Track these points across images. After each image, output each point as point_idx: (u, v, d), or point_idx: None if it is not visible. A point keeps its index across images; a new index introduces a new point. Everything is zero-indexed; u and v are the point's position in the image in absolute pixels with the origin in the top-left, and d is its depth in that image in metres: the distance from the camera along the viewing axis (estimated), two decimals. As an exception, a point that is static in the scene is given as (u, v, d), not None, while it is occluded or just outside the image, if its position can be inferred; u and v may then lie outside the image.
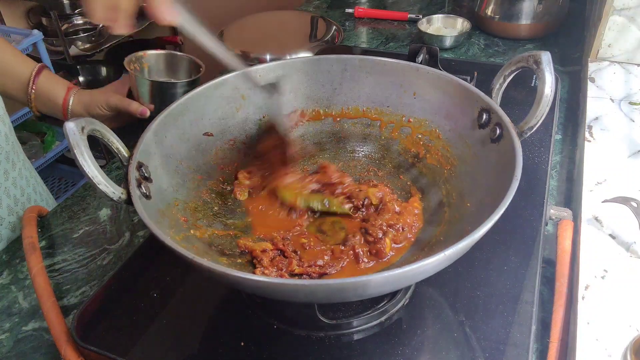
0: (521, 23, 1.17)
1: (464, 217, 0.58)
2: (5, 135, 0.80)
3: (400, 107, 0.72)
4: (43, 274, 0.63)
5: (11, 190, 0.82)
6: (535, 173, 0.75)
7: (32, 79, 0.82)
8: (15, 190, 0.83)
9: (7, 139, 0.81)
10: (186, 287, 0.62)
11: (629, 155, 0.78)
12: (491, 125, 0.60)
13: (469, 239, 0.44)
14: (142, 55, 0.89)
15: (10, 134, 0.83)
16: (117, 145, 0.55)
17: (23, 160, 0.87)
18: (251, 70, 0.69)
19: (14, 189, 0.83)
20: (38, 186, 0.91)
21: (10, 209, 0.82)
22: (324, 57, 0.73)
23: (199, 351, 0.56)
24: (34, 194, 0.88)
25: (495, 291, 0.59)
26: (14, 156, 0.83)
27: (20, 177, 0.84)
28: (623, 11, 0.95)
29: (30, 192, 0.87)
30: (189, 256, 0.44)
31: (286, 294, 0.46)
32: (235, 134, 0.71)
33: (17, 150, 0.85)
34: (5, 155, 0.80)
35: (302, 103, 0.74)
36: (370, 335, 0.56)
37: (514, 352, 0.53)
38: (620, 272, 0.60)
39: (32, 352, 0.60)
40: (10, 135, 0.82)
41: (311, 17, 1.35)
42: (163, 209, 0.56)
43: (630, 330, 0.54)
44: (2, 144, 0.79)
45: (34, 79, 0.82)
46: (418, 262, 0.43)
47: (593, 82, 0.95)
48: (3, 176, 0.80)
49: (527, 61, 0.58)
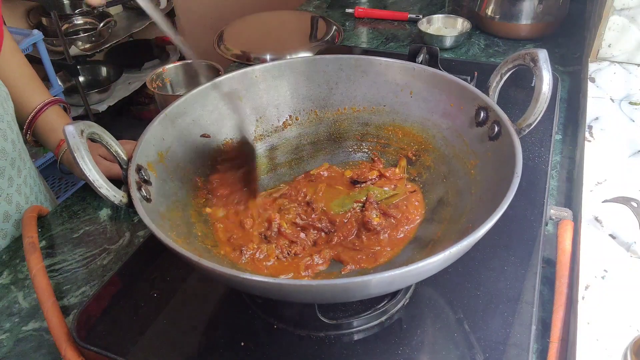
0: (521, 23, 1.17)
1: (464, 215, 0.58)
2: (12, 142, 0.80)
3: (396, 106, 0.72)
4: (43, 274, 0.63)
5: (14, 197, 0.81)
6: (535, 173, 0.75)
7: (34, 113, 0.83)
8: (19, 198, 0.82)
9: (14, 146, 0.80)
10: (186, 287, 0.62)
11: (629, 155, 0.78)
12: (489, 123, 0.60)
13: (472, 237, 0.44)
14: (161, 71, 0.91)
15: (18, 141, 0.82)
16: (116, 149, 0.55)
17: (29, 168, 0.86)
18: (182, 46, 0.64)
19: (18, 196, 0.82)
20: (41, 194, 0.90)
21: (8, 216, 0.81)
22: (320, 57, 0.73)
23: (199, 351, 0.56)
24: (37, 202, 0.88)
25: (495, 291, 0.59)
26: (20, 163, 0.82)
27: (25, 184, 0.84)
28: (623, 11, 0.95)
29: (33, 200, 0.86)
30: (193, 259, 0.44)
31: (286, 294, 0.46)
32: (232, 135, 0.71)
33: (23, 157, 0.84)
34: (11, 161, 0.79)
35: (298, 103, 0.74)
36: (370, 335, 0.56)
37: (514, 352, 0.53)
38: (621, 272, 0.60)
39: (32, 352, 0.60)
40: (17, 142, 0.81)
41: (311, 17, 1.35)
42: (163, 211, 0.56)
43: (631, 330, 0.54)
44: (9, 150, 0.79)
45: (36, 113, 0.83)
46: (421, 261, 0.43)
47: (593, 82, 0.95)
48: (7, 182, 0.79)
49: (524, 59, 0.58)
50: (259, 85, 0.72)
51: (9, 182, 0.79)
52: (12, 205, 0.80)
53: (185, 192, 0.63)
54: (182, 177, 0.63)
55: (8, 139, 0.78)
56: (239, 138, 0.70)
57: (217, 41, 1.27)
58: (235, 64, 1.20)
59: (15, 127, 0.81)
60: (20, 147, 0.83)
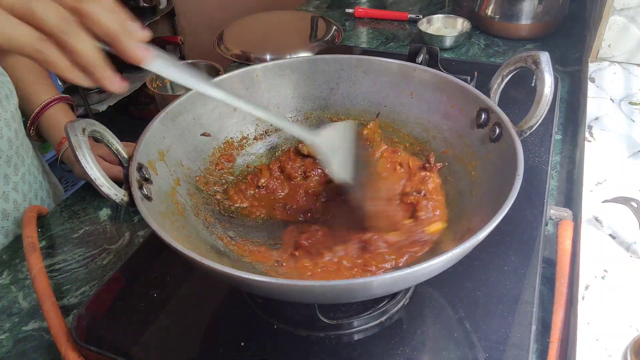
0: (521, 23, 1.17)
1: (465, 216, 0.58)
2: (8, 140, 0.79)
3: (397, 106, 0.72)
4: (43, 274, 0.63)
5: (11, 195, 0.81)
6: (535, 173, 0.75)
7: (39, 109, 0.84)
8: (16, 195, 0.82)
9: (10, 144, 0.79)
10: (186, 287, 0.62)
11: (629, 155, 0.78)
12: (490, 124, 0.60)
13: (474, 239, 0.44)
14: None
15: (16, 138, 0.81)
16: (117, 147, 0.54)
17: (29, 165, 0.86)
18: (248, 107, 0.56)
19: (15, 193, 0.81)
20: (42, 191, 0.90)
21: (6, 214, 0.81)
22: (321, 57, 0.73)
23: (199, 351, 0.56)
24: (36, 199, 0.88)
25: (495, 291, 0.59)
26: (17, 160, 0.82)
27: (23, 181, 0.83)
28: (623, 11, 0.95)
29: (32, 198, 0.86)
30: (197, 258, 0.44)
31: (287, 294, 0.46)
32: (232, 134, 0.71)
33: (22, 154, 0.84)
34: (7, 159, 0.79)
35: (299, 103, 0.74)
36: (370, 335, 0.56)
37: (514, 352, 0.53)
38: (621, 272, 0.60)
39: (32, 352, 0.60)
40: (15, 139, 0.81)
41: (311, 17, 1.35)
42: (164, 210, 0.56)
43: (631, 330, 0.54)
44: (5, 148, 0.78)
45: (41, 109, 0.84)
46: (423, 262, 0.43)
47: (593, 82, 0.95)
48: (3, 180, 0.79)
49: (526, 61, 0.58)
50: (260, 85, 0.72)
51: (5, 180, 0.79)
52: (10, 203, 0.80)
53: (186, 191, 0.63)
54: (183, 176, 0.63)
55: (4, 136, 0.78)
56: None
57: (217, 41, 1.27)
58: (235, 64, 1.20)
59: (13, 124, 0.80)
60: (19, 144, 0.82)
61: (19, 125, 0.82)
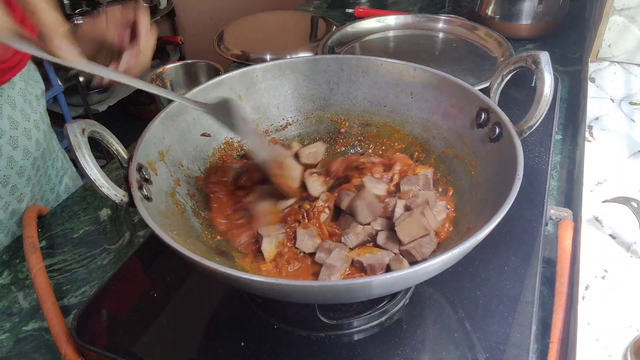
0: (521, 23, 1.17)
1: (465, 216, 0.58)
2: (36, 141, 0.78)
3: (397, 106, 0.72)
4: (43, 274, 0.63)
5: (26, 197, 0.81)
6: (535, 173, 0.75)
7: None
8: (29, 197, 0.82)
9: (38, 145, 0.79)
10: (186, 287, 0.62)
11: (629, 155, 0.78)
12: (490, 124, 0.60)
13: (474, 239, 0.44)
14: (161, 71, 0.91)
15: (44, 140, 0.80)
16: (117, 147, 0.55)
17: (48, 167, 0.86)
18: (188, 98, 0.62)
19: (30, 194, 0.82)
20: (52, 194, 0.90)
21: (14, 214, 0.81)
22: (321, 57, 0.73)
23: (199, 351, 0.56)
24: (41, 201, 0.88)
25: (495, 291, 0.59)
26: (40, 162, 0.82)
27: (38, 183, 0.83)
28: (623, 11, 0.95)
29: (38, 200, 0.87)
30: (196, 259, 0.44)
31: (287, 295, 0.46)
32: (231, 134, 0.71)
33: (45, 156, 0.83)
34: (33, 161, 0.79)
35: (299, 102, 0.74)
36: (370, 335, 0.56)
37: (514, 352, 0.53)
38: (621, 272, 0.60)
39: (32, 352, 0.60)
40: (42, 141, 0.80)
41: (311, 17, 1.35)
42: (164, 210, 0.56)
43: (631, 330, 0.54)
44: (32, 149, 0.78)
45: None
46: (423, 263, 0.43)
47: (593, 82, 0.95)
48: (25, 182, 0.79)
49: (526, 61, 0.58)
50: (260, 85, 0.72)
51: (27, 182, 0.80)
52: (23, 204, 0.81)
53: (186, 192, 0.63)
54: (183, 177, 0.63)
55: (32, 138, 0.78)
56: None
57: (217, 41, 1.27)
58: (235, 64, 1.20)
59: (42, 126, 0.80)
60: (45, 146, 0.82)
61: (48, 127, 0.82)
